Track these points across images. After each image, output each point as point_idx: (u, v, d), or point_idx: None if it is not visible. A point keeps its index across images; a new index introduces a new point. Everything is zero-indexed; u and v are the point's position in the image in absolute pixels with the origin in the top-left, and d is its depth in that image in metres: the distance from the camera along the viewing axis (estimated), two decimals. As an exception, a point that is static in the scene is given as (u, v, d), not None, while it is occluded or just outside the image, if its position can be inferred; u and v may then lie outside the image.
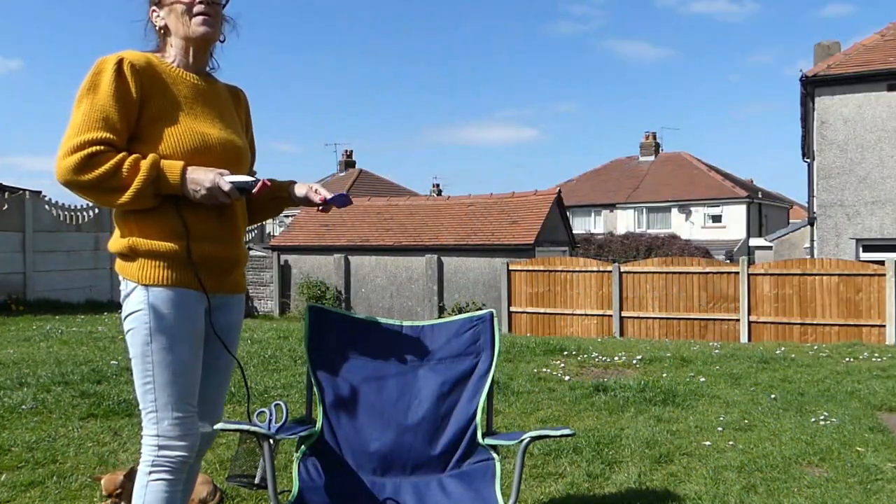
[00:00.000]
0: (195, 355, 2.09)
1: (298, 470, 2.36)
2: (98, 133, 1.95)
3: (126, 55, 2.04)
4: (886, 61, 15.16)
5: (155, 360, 2.02)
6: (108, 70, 1.99)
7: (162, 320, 2.02)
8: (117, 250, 2.10)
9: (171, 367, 2.03)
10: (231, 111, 2.28)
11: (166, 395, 2.04)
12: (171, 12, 2.12)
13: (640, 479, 3.64)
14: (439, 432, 2.48)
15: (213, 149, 2.11)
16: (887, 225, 15.15)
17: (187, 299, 2.06)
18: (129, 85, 2.01)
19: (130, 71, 2.01)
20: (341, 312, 2.59)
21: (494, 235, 17.02)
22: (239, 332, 2.35)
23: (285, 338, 8.96)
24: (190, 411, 2.09)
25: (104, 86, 1.98)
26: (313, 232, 19.04)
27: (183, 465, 2.08)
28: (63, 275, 14.83)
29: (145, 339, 2.03)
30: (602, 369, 7.28)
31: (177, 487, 2.09)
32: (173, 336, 2.03)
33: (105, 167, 1.93)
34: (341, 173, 37.85)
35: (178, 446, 2.05)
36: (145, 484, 2.05)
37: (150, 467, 2.05)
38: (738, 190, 32.61)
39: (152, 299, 2.02)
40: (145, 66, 2.06)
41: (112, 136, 1.97)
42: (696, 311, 13.61)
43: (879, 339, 12.07)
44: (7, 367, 6.31)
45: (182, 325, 2.05)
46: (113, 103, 1.97)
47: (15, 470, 3.56)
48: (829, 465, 3.93)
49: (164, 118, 2.06)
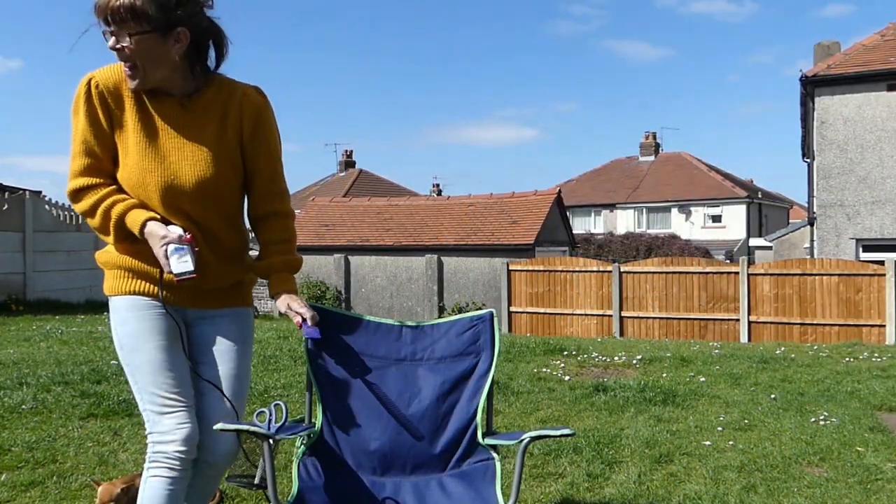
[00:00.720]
0: (164, 352, 2.09)
1: (298, 470, 2.35)
2: (82, 160, 2.02)
3: (96, 76, 2.00)
4: (886, 61, 15.16)
5: (128, 362, 2.10)
6: (80, 93, 2.00)
7: (124, 325, 2.10)
8: (98, 262, 2.21)
9: (144, 367, 2.07)
10: (216, 129, 2.09)
11: (149, 394, 2.07)
12: None
13: (640, 479, 3.64)
14: (439, 432, 2.48)
15: (181, 179, 2.03)
16: (887, 225, 15.15)
17: (142, 301, 2.12)
18: (96, 109, 2.01)
19: (97, 95, 2.00)
20: (341, 312, 2.59)
21: (494, 235, 17.01)
22: (239, 346, 2.24)
23: (285, 338, 8.96)
24: (176, 406, 2.08)
25: (80, 109, 2.01)
26: (313, 232, 19.04)
27: (180, 460, 2.07)
28: (63, 275, 14.83)
29: (118, 345, 2.12)
30: (602, 369, 7.28)
31: (177, 485, 2.07)
32: (136, 338, 2.08)
33: (85, 204, 2.03)
34: (341, 173, 37.85)
35: (170, 441, 2.05)
36: (145, 479, 2.07)
37: (148, 463, 2.08)
38: (738, 190, 32.61)
39: (114, 307, 2.13)
40: (112, 89, 2.00)
41: (93, 161, 2.04)
42: (696, 311, 13.61)
43: (879, 339, 12.07)
44: (7, 367, 6.31)
45: (141, 325, 2.09)
46: (88, 128, 2.02)
47: (15, 470, 3.56)
48: (829, 465, 3.93)
49: (129, 145, 2.03)
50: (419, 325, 2.62)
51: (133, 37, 1.89)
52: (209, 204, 2.09)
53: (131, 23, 1.87)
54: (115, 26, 1.89)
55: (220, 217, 2.14)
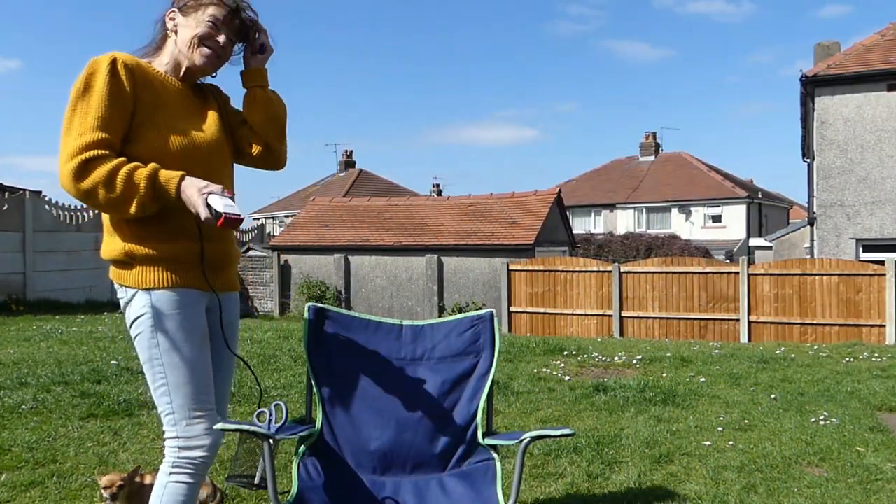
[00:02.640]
0: (203, 353, 2.09)
1: (298, 470, 2.35)
2: (95, 134, 1.92)
3: (118, 55, 2.03)
4: (886, 61, 15.16)
5: (165, 361, 2.02)
6: (101, 70, 1.97)
7: (166, 322, 2.02)
8: (112, 258, 2.07)
9: (182, 368, 2.03)
10: (217, 112, 2.27)
11: (181, 396, 2.03)
12: (187, 27, 2.11)
13: (640, 479, 3.64)
14: (439, 432, 2.48)
15: (200, 150, 2.11)
16: (887, 225, 15.15)
17: (189, 298, 2.06)
18: (124, 84, 1.99)
19: (124, 70, 2.00)
20: (341, 312, 2.59)
21: (494, 235, 17.01)
22: (237, 330, 2.36)
23: (285, 338, 8.96)
24: (207, 410, 2.08)
25: (98, 86, 1.96)
26: (313, 232, 19.03)
27: (204, 466, 2.07)
28: (63, 275, 14.83)
29: (152, 342, 2.02)
30: (602, 369, 7.28)
31: (195, 491, 2.08)
32: (180, 336, 2.03)
33: (100, 173, 1.90)
34: (341, 173, 37.85)
35: (198, 446, 2.05)
36: (164, 484, 2.04)
37: (171, 468, 2.05)
38: (738, 190, 32.59)
39: (155, 302, 2.02)
40: (135, 66, 2.05)
41: (109, 135, 1.94)
42: (696, 311, 13.61)
43: (879, 339, 12.06)
44: (7, 367, 6.31)
45: (187, 324, 2.04)
46: (108, 103, 1.95)
47: (15, 470, 3.56)
48: (829, 465, 3.93)
49: (153, 120, 2.05)
50: (419, 324, 2.62)
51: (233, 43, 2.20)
52: (225, 174, 2.21)
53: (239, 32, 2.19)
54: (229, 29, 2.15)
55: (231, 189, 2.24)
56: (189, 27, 2.11)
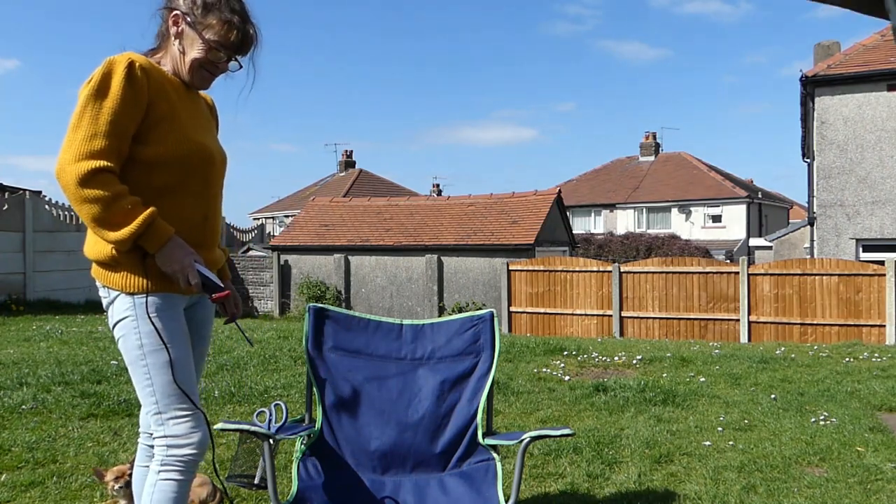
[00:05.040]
0: (187, 353, 2.11)
1: (298, 469, 2.35)
2: (105, 141, 1.93)
3: (134, 57, 2.03)
4: (886, 61, 15.16)
5: (149, 362, 2.04)
6: (118, 72, 1.97)
7: (151, 324, 2.04)
8: (96, 258, 2.06)
9: (167, 368, 2.05)
10: (210, 119, 2.36)
11: (167, 396, 2.05)
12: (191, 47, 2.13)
13: (640, 479, 3.64)
14: (439, 431, 2.48)
15: (202, 159, 2.15)
16: (887, 225, 15.15)
17: (172, 300, 2.10)
18: (139, 89, 2.00)
19: (142, 73, 2.01)
20: (341, 312, 2.59)
21: (494, 235, 17.01)
22: (211, 327, 2.40)
23: (285, 338, 8.96)
24: (191, 410, 2.09)
25: (114, 89, 1.96)
26: (313, 232, 19.03)
27: (193, 463, 2.08)
28: (63, 275, 14.83)
29: (136, 344, 2.05)
30: (602, 369, 7.28)
31: (185, 487, 2.09)
32: (164, 337, 2.05)
33: (106, 190, 1.90)
34: (341, 173, 37.86)
35: (186, 444, 2.06)
36: (154, 482, 2.06)
37: (160, 466, 2.06)
38: (738, 190, 32.60)
39: (139, 305, 2.04)
40: (150, 68, 2.07)
41: (118, 142, 1.96)
42: (696, 311, 13.61)
43: (879, 339, 12.06)
44: (7, 367, 6.31)
45: (170, 325, 2.07)
46: (121, 109, 1.96)
47: (15, 470, 3.56)
48: (829, 465, 3.93)
49: (166, 122, 2.07)
50: (420, 324, 2.62)
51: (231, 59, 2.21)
52: (222, 181, 2.30)
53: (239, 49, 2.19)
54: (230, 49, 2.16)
55: (221, 196, 2.32)
56: (192, 47, 2.12)
